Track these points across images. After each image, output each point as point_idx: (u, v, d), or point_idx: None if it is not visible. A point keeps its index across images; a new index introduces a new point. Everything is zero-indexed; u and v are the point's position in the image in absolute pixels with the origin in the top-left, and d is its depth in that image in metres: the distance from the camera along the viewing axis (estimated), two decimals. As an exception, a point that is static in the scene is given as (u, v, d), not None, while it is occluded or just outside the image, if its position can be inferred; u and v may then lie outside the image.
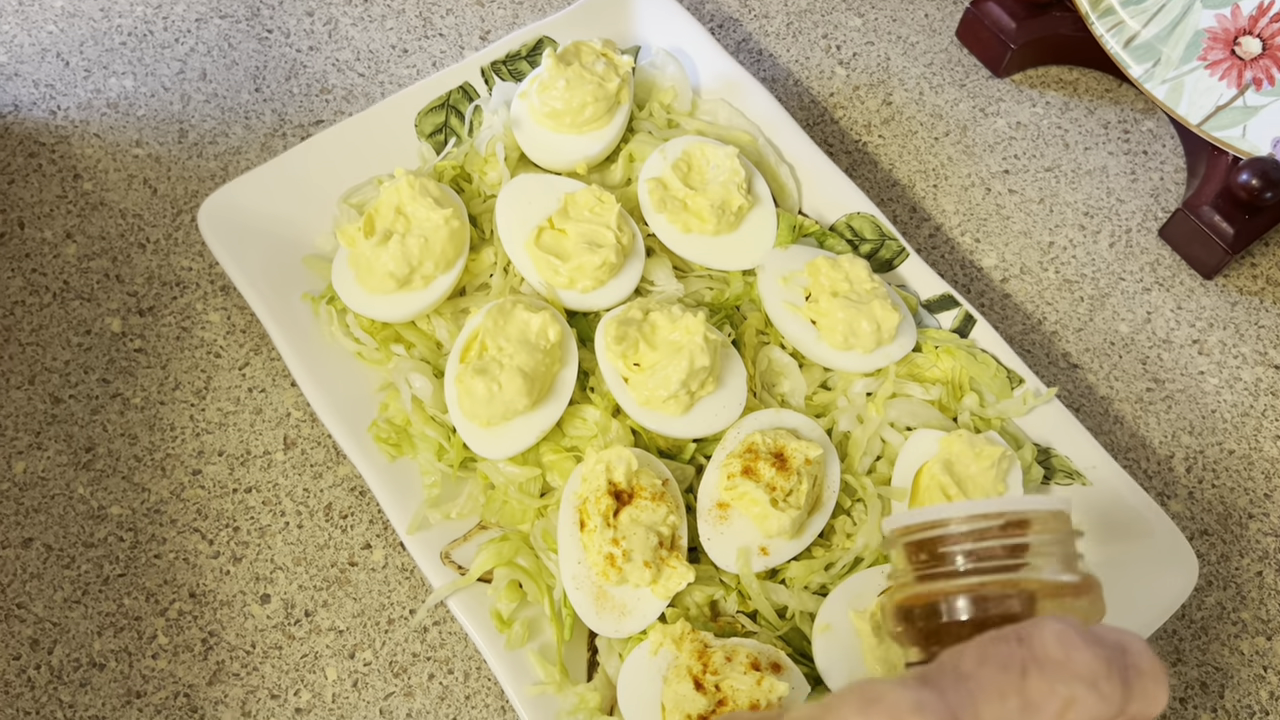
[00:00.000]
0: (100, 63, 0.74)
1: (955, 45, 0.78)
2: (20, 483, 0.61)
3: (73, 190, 0.69)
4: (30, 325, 0.65)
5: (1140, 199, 0.73)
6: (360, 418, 0.59)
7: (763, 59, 0.77)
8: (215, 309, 0.66)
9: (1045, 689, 0.30)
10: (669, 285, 0.63)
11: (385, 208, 0.60)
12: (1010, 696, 0.30)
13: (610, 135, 0.65)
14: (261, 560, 0.60)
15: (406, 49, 0.76)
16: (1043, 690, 0.30)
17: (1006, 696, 0.30)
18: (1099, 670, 0.31)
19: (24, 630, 0.57)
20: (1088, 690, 0.30)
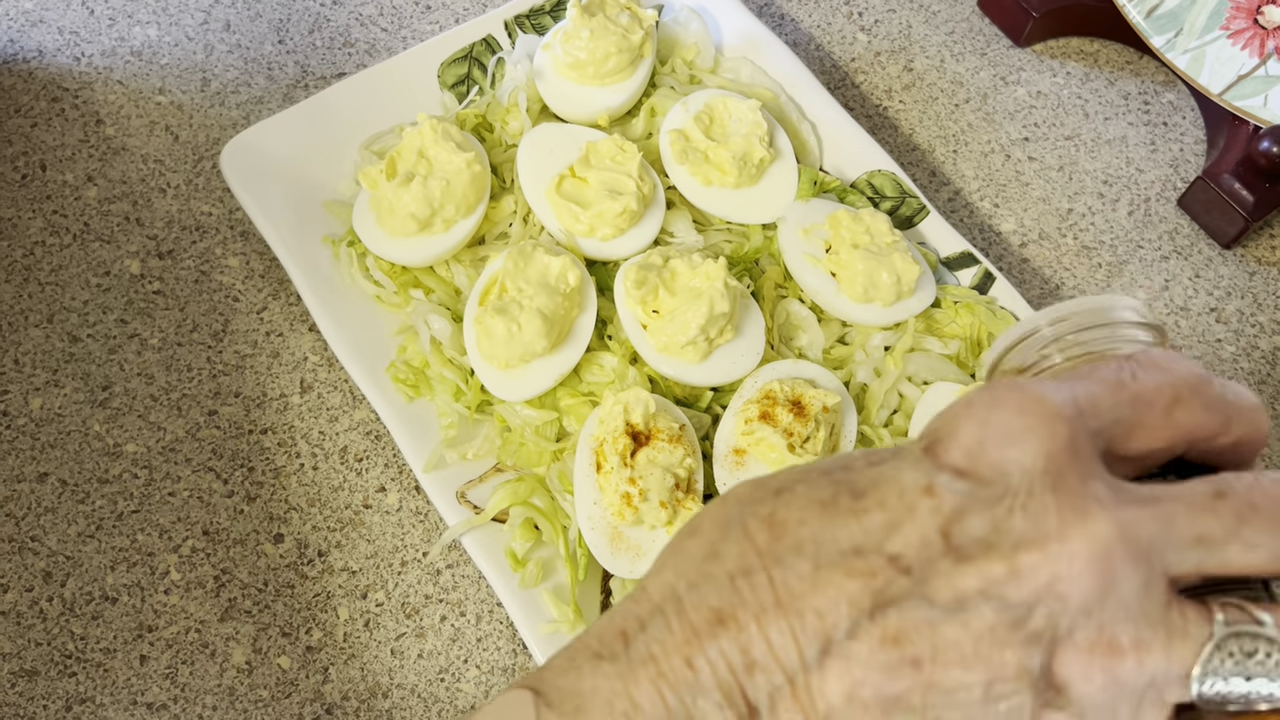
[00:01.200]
0: (125, 11, 0.74)
1: (977, 14, 0.78)
2: (37, 419, 0.61)
3: (95, 135, 0.70)
4: (50, 265, 0.65)
5: (1159, 169, 0.73)
6: (378, 360, 0.59)
7: (785, 23, 0.77)
8: (234, 254, 0.66)
9: (1153, 385, 0.29)
10: (689, 237, 0.63)
11: (408, 151, 0.60)
12: (1122, 391, 0.29)
13: (633, 88, 0.65)
14: (276, 500, 0.60)
15: (429, 4, 0.76)
16: (1151, 385, 0.29)
17: (1119, 390, 0.29)
18: (1203, 379, 0.30)
19: (38, 563, 0.57)
20: (1192, 393, 0.29)
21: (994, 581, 0.27)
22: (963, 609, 0.27)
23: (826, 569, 0.27)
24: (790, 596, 0.27)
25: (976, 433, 0.28)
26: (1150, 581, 0.27)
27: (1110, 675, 0.27)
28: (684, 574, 0.29)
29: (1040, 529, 0.27)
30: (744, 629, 0.27)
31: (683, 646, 0.28)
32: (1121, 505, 0.27)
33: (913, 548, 0.27)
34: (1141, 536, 0.27)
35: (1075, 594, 0.27)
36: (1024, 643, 0.27)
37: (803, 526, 0.28)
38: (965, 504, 0.27)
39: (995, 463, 0.28)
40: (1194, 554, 0.28)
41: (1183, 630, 0.27)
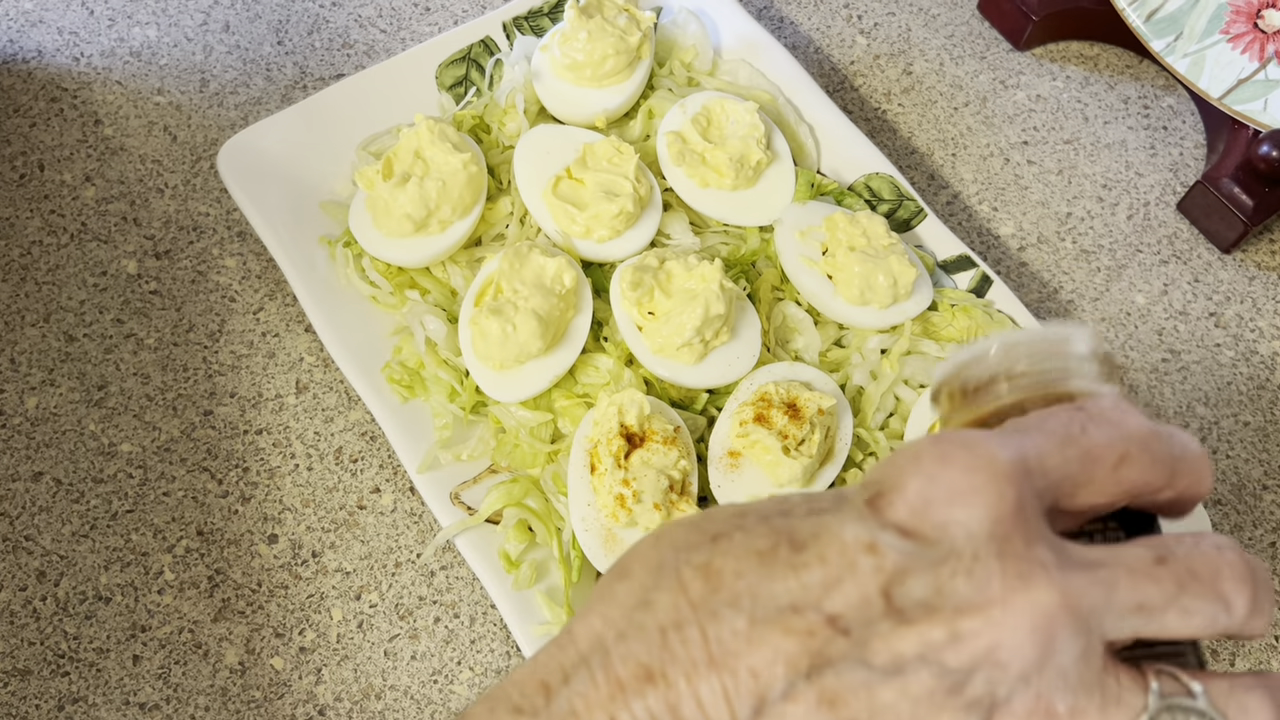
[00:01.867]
0: (124, 12, 0.75)
1: (976, 18, 0.78)
2: (32, 418, 0.61)
3: (93, 135, 0.70)
4: (47, 265, 0.65)
5: (1159, 173, 0.73)
6: (373, 360, 0.59)
7: (784, 25, 0.77)
8: (231, 254, 0.66)
9: (1103, 442, 0.29)
10: (685, 239, 0.63)
11: (404, 151, 0.60)
12: (1070, 446, 0.29)
13: (630, 89, 0.65)
14: (270, 501, 0.60)
15: (429, 6, 0.76)
16: (1101, 442, 0.29)
17: (1067, 445, 0.29)
18: (1151, 434, 0.30)
19: (31, 562, 0.57)
20: (1141, 450, 0.29)
21: (933, 646, 0.26)
22: (901, 672, 0.26)
23: (763, 626, 0.26)
24: (724, 654, 0.26)
25: (923, 490, 0.28)
26: (1089, 649, 0.27)
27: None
28: (613, 622, 0.28)
29: (983, 594, 0.26)
30: (673, 686, 0.26)
31: (607, 703, 0.27)
32: (1065, 571, 0.27)
33: (852, 608, 0.27)
34: (1083, 605, 0.27)
35: (1015, 662, 0.26)
36: (961, 709, 0.26)
37: (739, 579, 0.27)
38: (908, 564, 0.27)
39: (940, 523, 0.27)
40: (1133, 621, 0.28)
41: (1117, 698, 0.27)
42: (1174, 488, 0.30)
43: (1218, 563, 0.28)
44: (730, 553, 0.28)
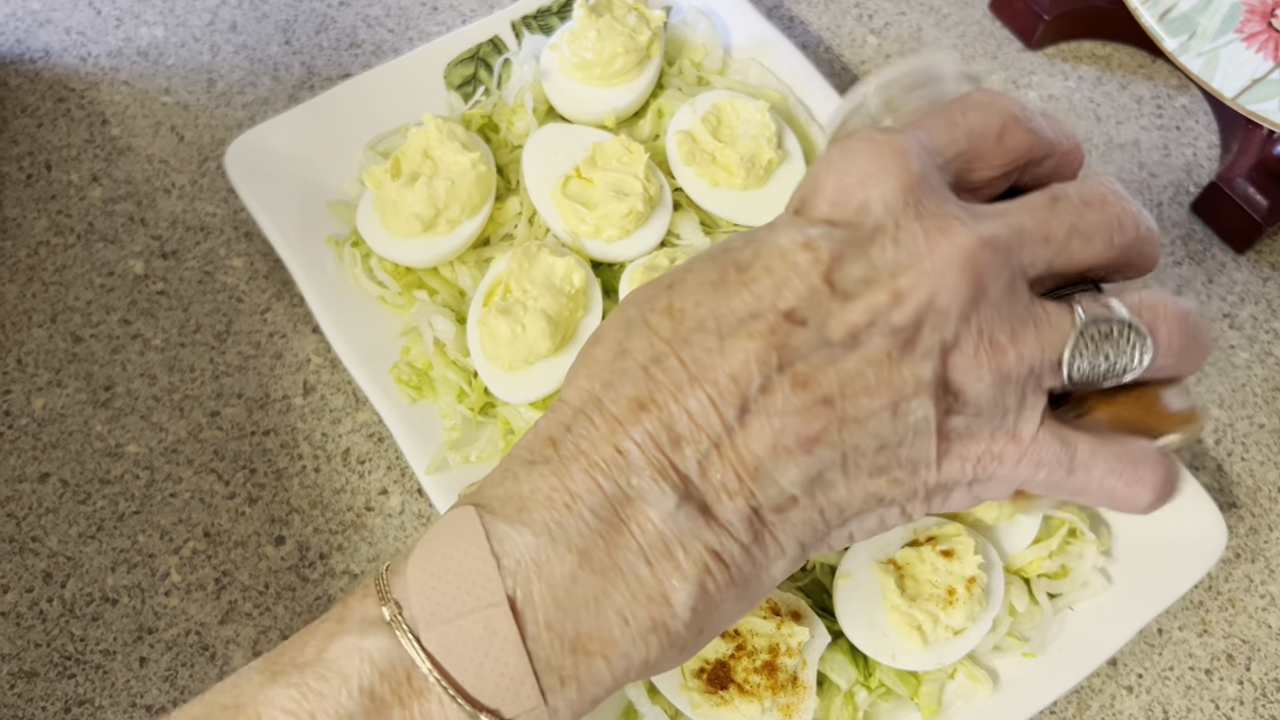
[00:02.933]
0: (131, 12, 0.74)
1: (988, 17, 0.78)
2: (39, 418, 0.61)
3: (100, 135, 0.69)
4: (53, 265, 0.65)
5: (1172, 173, 0.73)
6: (381, 361, 0.59)
7: (794, 25, 0.77)
8: (238, 254, 0.66)
9: (981, 120, 0.33)
10: (695, 239, 0.62)
11: (412, 150, 0.60)
12: (954, 129, 0.33)
13: (640, 88, 0.65)
14: (277, 503, 0.59)
15: (436, 6, 0.76)
16: (979, 120, 0.33)
17: (952, 128, 0.32)
18: (1023, 107, 0.33)
19: (38, 563, 0.57)
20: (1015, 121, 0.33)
21: (879, 310, 0.30)
22: (857, 342, 0.30)
23: (729, 337, 0.29)
24: (702, 369, 0.29)
25: (837, 183, 0.31)
26: (1013, 282, 0.31)
27: (997, 372, 0.30)
28: (597, 376, 0.31)
29: (912, 252, 0.30)
30: (664, 408, 0.29)
31: (609, 437, 0.30)
32: (977, 219, 0.31)
33: (803, 299, 0.30)
34: (999, 241, 0.30)
35: (953, 304, 0.30)
36: (918, 360, 0.30)
37: (700, 308, 0.30)
38: (841, 249, 0.30)
39: (860, 205, 0.31)
40: (1043, 251, 0.31)
41: (1048, 322, 0.31)
42: (1053, 153, 0.33)
43: (1103, 191, 0.32)
44: (686, 291, 0.31)
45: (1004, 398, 0.31)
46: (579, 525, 0.29)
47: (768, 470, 0.29)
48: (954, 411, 0.31)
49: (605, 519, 0.29)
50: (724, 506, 0.29)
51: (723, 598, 0.30)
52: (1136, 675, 0.57)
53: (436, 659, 0.29)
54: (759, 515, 0.30)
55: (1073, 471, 0.32)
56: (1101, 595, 0.55)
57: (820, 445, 0.29)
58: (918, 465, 0.31)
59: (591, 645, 0.29)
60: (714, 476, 0.29)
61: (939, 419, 0.30)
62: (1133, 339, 0.31)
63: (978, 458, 0.31)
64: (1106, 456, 0.32)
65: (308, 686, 0.29)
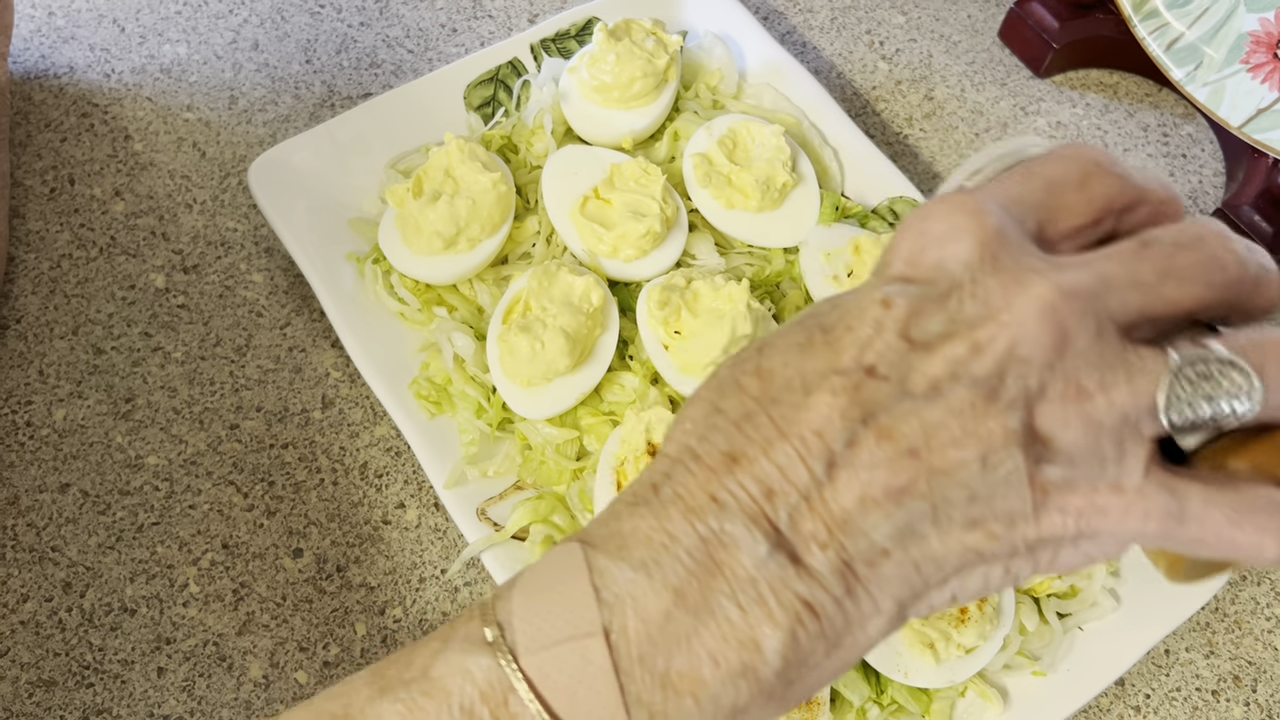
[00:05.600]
0: (155, 29, 0.75)
1: (997, 45, 0.79)
2: (60, 429, 0.61)
3: (123, 150, 0.70)
4: (76, 278, 0.66)
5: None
6: (401, 376, 0.59)
7: (806, 51, 0.78)
8: (259, 269, 0.67)
9: (1061, 169, 0.33)
10: (711, 259, 0.63)
11: (434, 170, 0.61)
12: (1032, 179, 0.32)
13: (657, 111, 0.66)
14: (295, 515, 0.60)
15: (456, 28, 0.77)
16: (1059, 169, 0.33)
17: (1029, 179, 0.32)
18: (1107, 154, 0.33)
19: (57, 573, 0.58)
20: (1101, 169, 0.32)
21: (960, 362, 0.30)
22: (939, 393, 0.30)
23: (813, 394, 0.30)
24: (789, 425, 0.30)
25: (913, 243, 0.31)
26: (1101, 329, 0.30)
27: (1085, 418, 0.30)
28: (693, 433, 0.32)
29: (989, 306, 0.30)
30: (754, 462, 0.30)
31: (705, 485, 0.30)
32: (1058, 269, 0.30)
33: (882, 356, 0.30)
34: (1081, 289, 0.30)
35: (1036, 353, 0.30)
36: (1002, 410, 0.30)
37: (787, 368, 0.31)
38: (918, 305, 0.30)
39: (936, 263, 0.31)
40: (1133, 297, 0.31)
41: (1141, 367, 0.30)
42: (1147, 201, 0.33)
43: (1199, 231, 0.31)
44: (775, 353, 0.32)
45: (1099, 446, 0.30)
46: (674, 565, 0.30)
47: (857, 522, 0.30)
48: (1046, 461, 0.30)
49: (700, 561, 0.30)
50: (815, 557, 0.30)
51: (814, 649, 0.30)
52: (1144, 696, 0.58)
53: (534, 683, 0.29)
54: (850, 568, 0.30)
55: (1184, 523, 0.31)
56: (1110, 615, 0.56)
57: (908, 496, 0.30)
58: (1014, 518, 0.30)
59: (682, 684, 0.29)
60: (804, 528, 0.30)
61: (1030, 468, 0.30)
62: (1237, 379, 0.30)
63: (1078, 510, 0.31)
64: (1223, 505, 0.31)
65: (414, 702, 0.29)
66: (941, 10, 0.81)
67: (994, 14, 0.80)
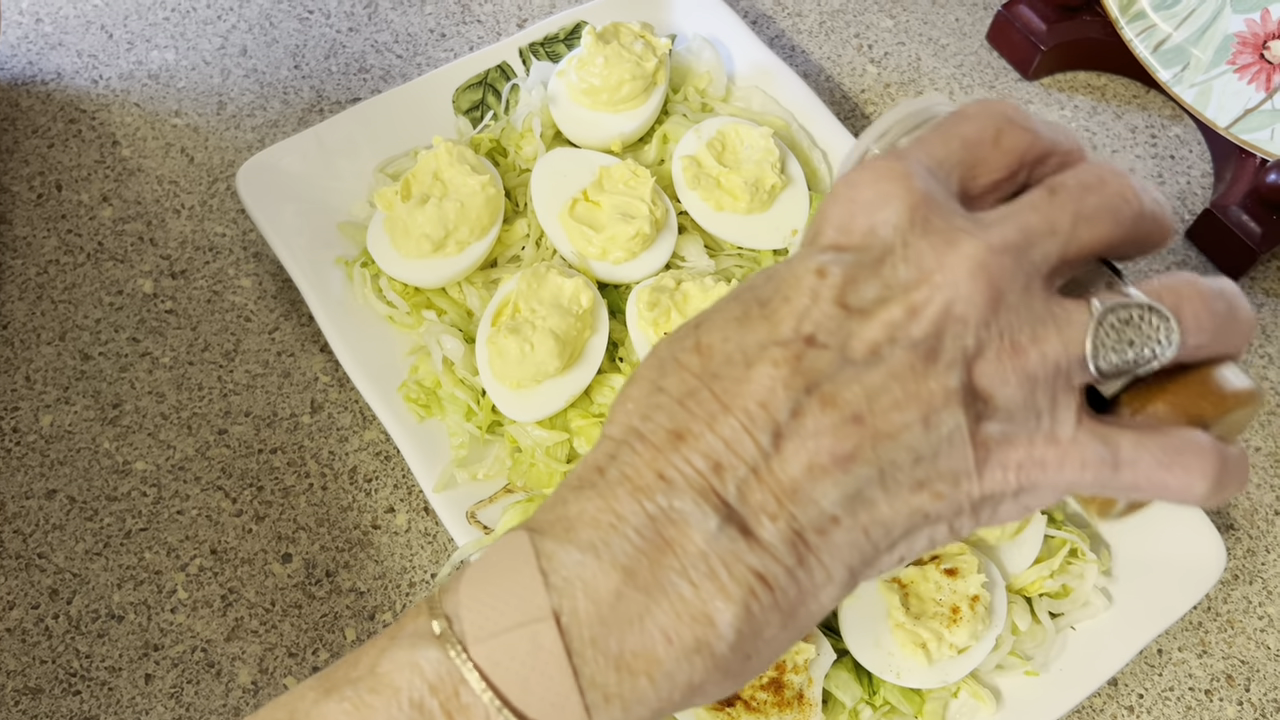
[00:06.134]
0: (143, 36, 0.75)
1: (985, 48, 0.79)
2: (47, 435, 0.61)
3: (111, 156, 0.70)
4: (63, 284, 0.65)
5: (1167, 201, 0.74)
6: (390, 380, 0.59)
7: (795, 55, 0.78)
8: (247, 274, 0.67)
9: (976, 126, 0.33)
10: (700, 261, 0.63)
11: (423, 173, 0.61)
12: (951, 140, 0.33)
13: (646, 114, 0.66)
14: (284, 520, 0.60)
15: (444, 33, 0.77)
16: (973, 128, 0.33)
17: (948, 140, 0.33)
18: (1017, 108, 0.33)
19: (44, 580, 0.57)
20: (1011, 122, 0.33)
21: (897, 325, 0.30)
22: (880, 358, 0.30)
23: (755, 366, 0.30)
24: (732, 398, 0.30)
25: (843, 210, 0.32)
26: (1029, 283, 0.31)
27: (1023, 374, 0.31)
28: (635, 412, 0.32)
29: (922, 268, 0.30)
30: (700, 438, 0.30)
31: (651, 463, 0.30)
32: (984, 227, 0.31)
33: (821, 324, 0.30)
34: (1009, 244, 0.31)
35: (971, 311, 0.30)
36: (942, 370, 0.30)
37: (726, 342, 0.31)
38: (853, 272, 0.31)
39: (867, 229, 0.31)
40: (1053, 244, 0.31)
41: (1067, 319, 0.31)
42: (1057, 152, 0.34)
43: (1099, 172, 0.32)
44: (713, 328, 0.32)
45: (1034, 399, 0.31)
46: (623, 544, 0.30)
47: (806, 491, 0.30)
48: (986, 418, 0.31)
49: (649, 539, 0.30)
50: (765, 529, 0.30)
51: (768, 621, 0.30)
52: (1137, 695, 0.58)
53: (485, 672, 0.29)
54: (801, 537, 0.30)
55: (1118, 469, 0.32)
56: (1103, 615, 0.56)
57: (855, 462, 0.30)
58: (959, 476, 0.31)
59: (636, 663, 0.29)
60: (753, 500, 0.30)
61: (971, 427, 0.31)
62: (1155, 322, 0.31)
63: (1018, 464, 0.31)
64: (1151, 449, 0.32)
65: (360, 700, 0.29)
66: (929, 14, 0.81)
67: (982, 17, 0.81)
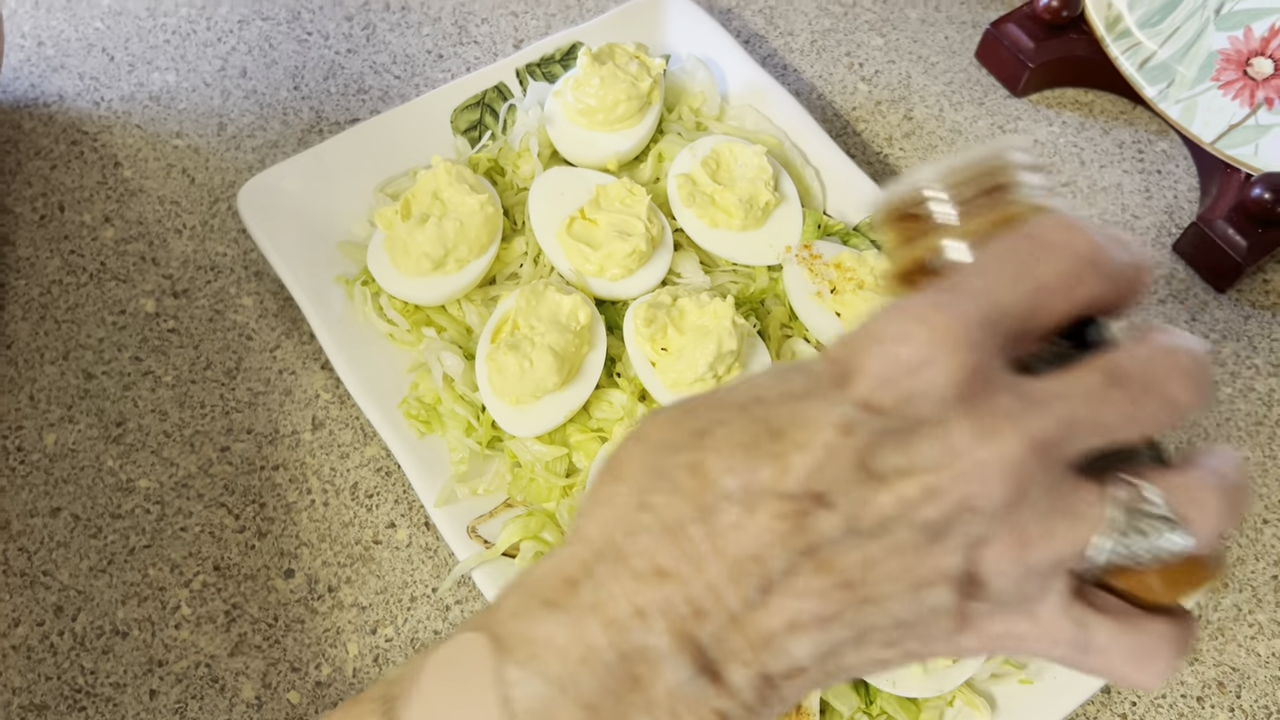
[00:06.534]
0: (144, 58, 0.76)
1: (974, 66, 0.81)
2: (51, 454, 0.61)
3: (113, 177, 0.71)
4: (66, 304, 0.66)
5: (1154, 215, 0.75)
6: (390, 396, 0.60)
7: (787, 73, 0.79)
8: (248, 293, 0.67)
9: (1055, 272, 0.30)
10: (696, 278, 0.64)
11: (422, 193, 0.62)
12: (1023, 282, 0.30)
13: (641, 133, 0.67)
14: (286, 536, 0.60)
15: (442, 54, 0.78)
16: (1053, 272, 0.30)
17: (1020, 281, 0.30)
18: (1099, 250, 0.31)
19: (49, 597, 0.58)
20: (1092, 270, 0.30)
21: (910, 503, 0.29)
22: (885, 530, 0.29)
23: (757, 513, 0.29)
24: (726, 544, 0.29)
25: (884, 366, 0.29)
26: (1055, 477, 0.29)
27: (1024, 565, 0.30)
28: (619, 523, 0.30)
29: (953, 451, 0.29)
30: (687, 582, 0.29)
31: (631, 595, 0.29)
32: (1027, 416, 0.29)
33: (833, 484, 0.29)
34: (1048, 440, 0.29)
35: (989, 506, 0.29)
36: (945, 553, 0.29)
37: (728, 474, 0.29)
38: (880, 437, 0.29)
39: (906, 395, 0.29)
40: (1094, 439, 0.30)
41: (1082, 513, 0.30)
42: (1121, 296, 0.31)
43: (1168, 368, 0.30)
44: (715, 448, 0.30)
45: (1028, 585, 0.30)
46: (590, 680, 0.29)
47: (781, 643, 0.29)
48: (975, 599, 0.30)
49: (618, 676, 0.29)
50: (735, 674, 0.29)
51: None
52: (1130, 703, 0.59)
53: None
54: (769, 682, 0.30)
55: (1088, 654, 0.31)
56: (1095, 623, 0.56)
57: (836, 624, 0.29)
58: (932, 640, 0.31)
59: None
60: (729, 646, 0.29)
61: (959, 605, 0.30)
62: (1166, 533, 0.30)
63: (994, 635, 0.31)
64: (1124, 646, 0.31)
65: None
66: (919, 32, 0.82)
67: (970, 35, 0.82)
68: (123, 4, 0.79)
